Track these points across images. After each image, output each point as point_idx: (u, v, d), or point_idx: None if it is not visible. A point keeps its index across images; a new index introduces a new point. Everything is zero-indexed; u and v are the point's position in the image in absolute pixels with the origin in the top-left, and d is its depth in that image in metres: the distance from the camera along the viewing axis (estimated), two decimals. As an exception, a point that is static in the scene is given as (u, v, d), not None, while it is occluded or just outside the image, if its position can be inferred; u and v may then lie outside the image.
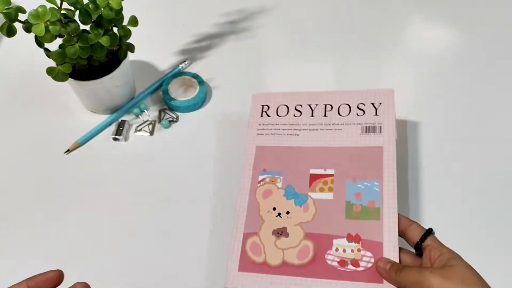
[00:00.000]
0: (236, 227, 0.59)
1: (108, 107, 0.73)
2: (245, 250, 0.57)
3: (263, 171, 0.62)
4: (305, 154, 0.62)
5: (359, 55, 0.81)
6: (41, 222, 0.65)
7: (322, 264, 0.55)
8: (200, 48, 0.83)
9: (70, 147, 0.71)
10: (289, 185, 0.61)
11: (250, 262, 0.56)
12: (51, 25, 0.59)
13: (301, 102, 0.67)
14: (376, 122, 0.63)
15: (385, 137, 0.61)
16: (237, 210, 0.60)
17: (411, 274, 0.49)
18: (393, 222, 0.55)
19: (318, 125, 0.64)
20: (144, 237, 0.63)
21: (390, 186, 0.57)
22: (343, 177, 0.60)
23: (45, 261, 0.61)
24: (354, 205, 0.57)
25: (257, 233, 0.58)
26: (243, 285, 0.55)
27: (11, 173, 0.70)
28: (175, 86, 0.77)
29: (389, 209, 0.56)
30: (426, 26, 0.86)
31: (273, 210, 0.59)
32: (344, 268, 0.54)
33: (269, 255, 0.56)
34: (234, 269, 0.56)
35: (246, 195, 0.61)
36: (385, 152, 0.60)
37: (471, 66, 0.78)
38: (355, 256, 0.54)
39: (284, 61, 0.81)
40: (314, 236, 0.57)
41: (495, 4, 0.86)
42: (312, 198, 0.59)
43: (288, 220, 0.58)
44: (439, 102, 0.74)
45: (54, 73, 0.64)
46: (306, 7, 0.88)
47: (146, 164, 0.70)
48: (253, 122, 0.67)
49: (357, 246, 0.55)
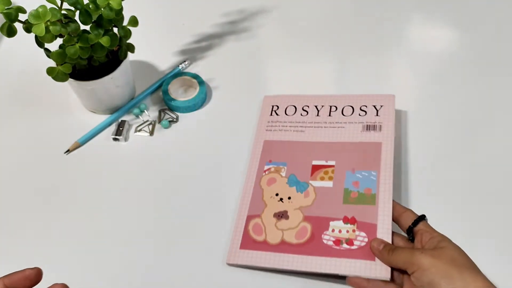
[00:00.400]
0: (239, 209, 0.63)
1: (108, 107, 0.73)
2: (247, 230, 0.61)
3: (269, 161, 0.67)
4: (308, 147, 0.67)
5: (359, 56, 0.81)
6: (41, 222, 0.65)
7: (318, 243, 0.58)
8: (200, 48, 0.83)
9: (70, 147, 0.71)
10: (292, 174, 0.65)
11: (251, 241, 0.60)
12: (52, 25, 0.59)
13: (308, 103, 0.72)
14: (377, 121, 0.67)
15: (385, 134, 0.66)
16: (242, 195, 0.64)
17: (403, 254, 0.52)
18: (388, 207, 0.58)
19: (323, 123, 0.69)
20: (144, 237, 0.63)
21: (387, 176, 0.61)
22: (343, 167, 0.64)
23: (45, 261, 0.61)
24: (351, 191, 0.61)
25: (260, 216, 0.62)
26: (244, 261, 0.59)
27: (11, 173, 0.70)
28: (175, 86, 0.77)
29: (384, 196, 0.60)
30: (426, 26, 0.86)
31: (276, 195, 0.63)
32: (339, 246, 0.57)
33: (270, 235, 0.60)
34: (236, 247, 0.60)
35: (252, 182, 0.65)
36: (384, 147, 0.64)
37: (471, 66, 0.78)
38: (350, 236, 0.58)
39: (285, 61, 0.82)
40: (312, 218, 0.60)
41: (495, 4, 0.86)
42: (312, 186, 0.63)
43: (289, 205, 0.62)
44: (439, 102, 0.74)
45: (54, 73, 0.64)
46: (306, 7, 0.88)
47: (146, 164, 0.70)
48: (263, 120, 0.71)
49: (352, 227, 0.58)
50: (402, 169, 0.67)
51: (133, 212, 0.65)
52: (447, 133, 0.71)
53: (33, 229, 0.64)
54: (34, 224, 0.65)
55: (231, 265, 0.60)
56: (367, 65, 0.79)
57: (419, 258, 0.49)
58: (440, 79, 0.77)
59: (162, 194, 0.67)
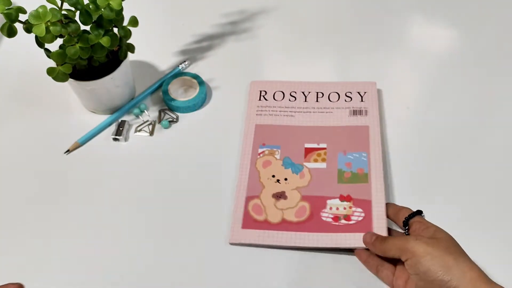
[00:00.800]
0: (238, 191, 0.65)
1: (108, 107, 0.73)
2: (248, 211, 0.63)
3: (262, 145, 0.69)
4: (300, 131, 0.70)
5: (359, 56, 0.81)
6: (40, 222, 0.65)
7: (317, 220, 0.62)
8: (200, 49, 0.83)
9: (70, 147, 0.71)
10: (286, 157, 0.68)
11: (252, 220, 0.63)
12: (52, 26, 0.59)
13: (295, 90, 0.75)
14: (362, 107, 0.72)
15: (370, 118, 0.70)
16: (239, 177, 0.66)
17: (396, 241, 0.52)
18: (380, 184, 0.63)
19: (311, 109, 0.73)
20: (144, 237, 0.63)
21: (377, 156, 0.66)
22: (334, 150, 0.68)
23: (45, 261, 0.62)
24: (345, 172, 0.65)
25: (258, 196, 0.65)
26: (247, 240, 0.61)
27: (11, 173, 0.70)
28: (175, 86, 0.77)
29: (376, 174, 0.64)
30: (426, 26, 0.86)
31: (272, 177, 0.66)
32: (338, 222, 0.61)
33: (270, 215, 0.63)
34: (238, 226, 0.62)
35: (247, 165, 0.67)
36: (371, 130, 0.69)
37: (471, 66, 0.78)
38: (347, 212, 0.62)
39: (285, 62, 0.82)
40: (310, 198, 0.64)
41: (495, 4, 0.86)
42: (307, 167, 0.67)
43: (286, 185, 0.65)
44: (439, 102, 0.74)
45: (54, 73, 0.64)
46: (306, 7, 0.88)
47: (146, 165, 0.70)
48: (251, 105, 0.74)
49: (349, 204, 0.62)
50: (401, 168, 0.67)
51: (133, 212, 0.65)
52: (447, 133, 0.71)
53: (33, 229, 0.64)
54: (34, 224, 0.65)
55: (234, 245, 0.61)
56: (367, 66, 0.79)
57: (414, 245, 0.50)
58: (440, 79, 0.77)
59: (162, 194, 0.67)
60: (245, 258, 0.61)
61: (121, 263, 0.61)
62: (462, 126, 0.71)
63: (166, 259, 0.61)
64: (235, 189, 0.65)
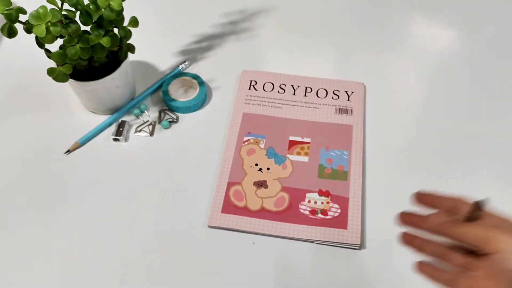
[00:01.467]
0: (220, 176, 0.67)
1: (108, 107, 0.73)
2: (228, 196, 0.65)
3: (248, 133, 0.71)
4: (286, 123, 0.72)
5: (359, 56, 0.81)
6: (41, 222, 0.65)
7: (295, 212, 0.64)
8: (200, 49, 0.83)
9: (70, 148, 0.71)
10: (270, 147, 0.70)
11: (232, 205, 0.65)
12: (52, 26, 0.59)
13: (285, 82, 0.77)
14: (348, 106, 0.74)
15: (355, 118, 0.72)
16: (222, 163, 0.68)
17: (477, 228, 0.43)
18: (358, 183, 0.65)
19: (299, 102, 0.74)
20: (144, 237, 0.63)
21: (357, 155, 0.68)
22: (318, 145, 0.70)
23: (44, 262, 0.62)
24: (325, 167, 0.67)
25: (240, 183, 0.67)
26: (225, 225, 0.63)
27: (11, 173, 0.70)
28: (175, 86, 0.77)
29: (355, 173, 0.67)
30: (426, 26, 0.86)
31: (255, 165, 0.68)
32: (315, 216, 0.63)
33: (250, 202, 0.65)
34: (217, 210, 0.64)
35: (232, 151, 0.69)
36: (355, 130, 0.71)
37: (471, 65, 0.78)
38: (324, 207, 0.64)
39: (285, 62, 0.82)
40: (290, 189, 0.66)
41: (495, 4, 0.87)
42: (290, 159, 0.69)
43: (268, 175, 0.67)
44: (439, 102, 0.74)
45: (54, 73, 0.64)
46: (306, 7, 0.88)
47: (146, 165, 0.70)
48: (241, 93, 0.76)
49: (327, 199, 0.65)
50: (402, 165, 0.67)
51: (133, 212, 0.65)
52: (447, 132, 0.71)
53: (33, 229, 0.64)
54: (34, 224, 0.65)
55: (212, 227, 0.63)
56: (367, 66, 0.79)
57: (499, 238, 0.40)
58: (440, 79, 0.77)
59: (162, 194, 0.67)
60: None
61: (121, 263, 0.61)
62: (462, 126, 0.72)
63: (161, 255, 0.61)
64: (217, 172, 0.67)
